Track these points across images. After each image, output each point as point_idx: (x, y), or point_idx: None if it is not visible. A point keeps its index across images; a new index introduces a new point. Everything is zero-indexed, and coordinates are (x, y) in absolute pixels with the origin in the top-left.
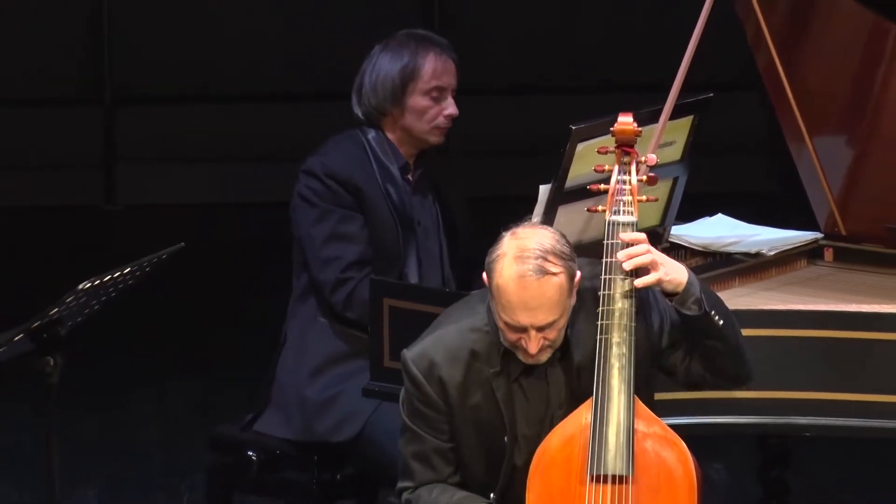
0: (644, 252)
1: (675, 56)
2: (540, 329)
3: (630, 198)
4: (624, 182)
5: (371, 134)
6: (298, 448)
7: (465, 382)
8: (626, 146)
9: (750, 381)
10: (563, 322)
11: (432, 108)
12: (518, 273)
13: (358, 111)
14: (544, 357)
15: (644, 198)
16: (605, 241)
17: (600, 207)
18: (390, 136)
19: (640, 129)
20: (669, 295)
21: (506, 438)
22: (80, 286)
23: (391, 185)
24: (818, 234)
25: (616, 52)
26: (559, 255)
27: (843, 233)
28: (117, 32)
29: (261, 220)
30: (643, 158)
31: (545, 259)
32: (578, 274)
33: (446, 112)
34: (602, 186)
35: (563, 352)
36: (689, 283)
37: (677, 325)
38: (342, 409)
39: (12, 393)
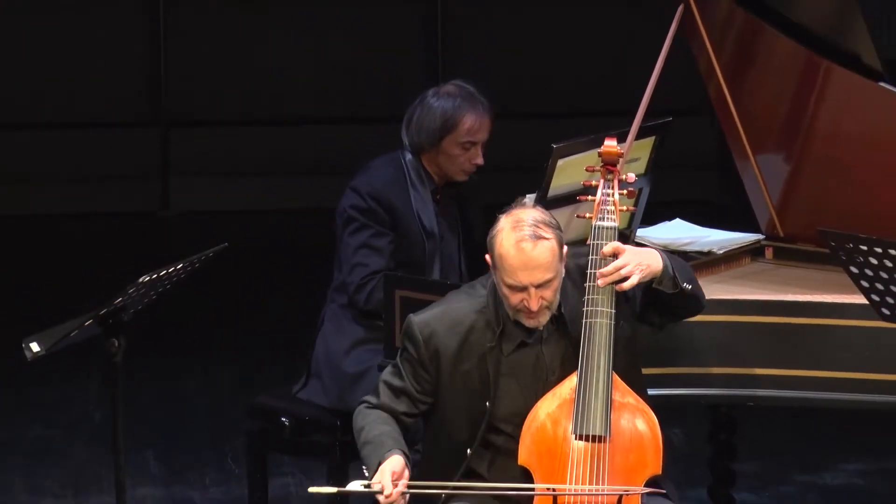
0: (620, 268)
1: (640, 86)
2: (538, 287)
3: (613, 207)
4: (608, 194)
5: (409, 158)
6: (329, 414)
7: (459, 352)
8: (610, 165)
9: (704, 308)
10: (556, 284)
11: (462, 156)
12: (516, 239)
13: (404, 139)
14: (544, 318)
15: (624, 208)
16: (591, 242)
17: (587, 214)
18: (426, 164)
19: (622, 150)
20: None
21: (487, 403)
22: (140, 279)
23: (422, 206)
24: (760, 236)
25: (591, 84)
26: (549, 225)
27: (781, 234)
28: (171, 67)
29: (294, 225)
30: (624, 176)
31: (537, 227)
32: (566, 248)
33: (474, 161)
34: (589, 197)
35: (557, 324)
36: (664, 268)
37: (646, 291)
38: (370, 383)
39: (83, 370)
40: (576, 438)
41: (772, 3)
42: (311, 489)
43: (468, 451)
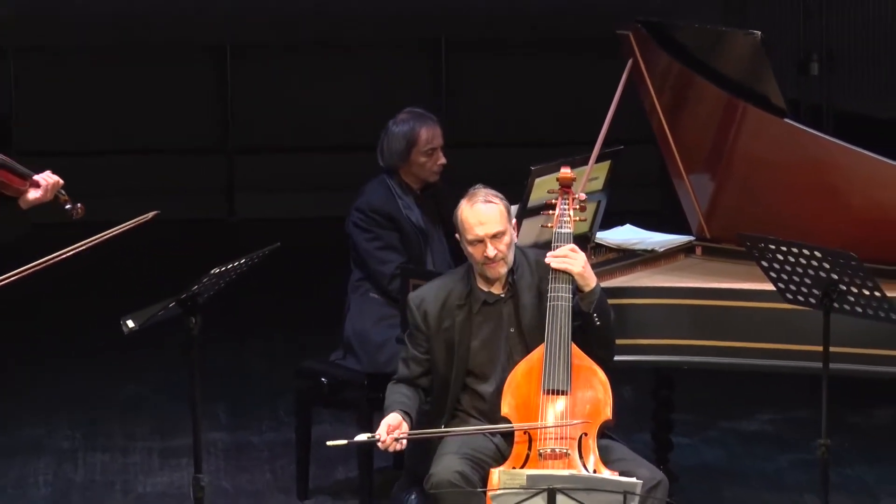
0: (568, 256)
1: (598, 121)
2: (493, 238)
3: (568, 218)
4: (565, 208)
5: (390, 178)
6: (360, 376)
7: (441, 313)
8: (566, 187)
9: (610, 363)
10: (507, 239)
11: (428, 161)
12: (471, 203)
13: (381, 163)
14: (502, 268)
15: (577, 218)
16: (552, 244)
17: (549, 224)
18: (404, 177)
19: (574, 175)
20: (580, 290)
21: (462, 352)
22: (212, 271)
23: (410, 211)
24: (692, 237)
25: (560, 119)
26: (496, 195)
27: (709, 236)
28: (236, 107)
29: (331, 229)
30: (577, 195)
31: (486, 195)
32: (514, 221)
33: (438, 163)
34: (551, 212)
35: (512, 293)
36: (594, 291)
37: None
38: (391, 348)
39: (167, 342)
40: (545, 392)
41: (701, 57)
42: (329, 443)
43: (452, 393)
